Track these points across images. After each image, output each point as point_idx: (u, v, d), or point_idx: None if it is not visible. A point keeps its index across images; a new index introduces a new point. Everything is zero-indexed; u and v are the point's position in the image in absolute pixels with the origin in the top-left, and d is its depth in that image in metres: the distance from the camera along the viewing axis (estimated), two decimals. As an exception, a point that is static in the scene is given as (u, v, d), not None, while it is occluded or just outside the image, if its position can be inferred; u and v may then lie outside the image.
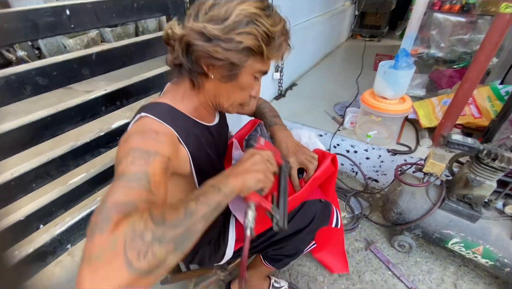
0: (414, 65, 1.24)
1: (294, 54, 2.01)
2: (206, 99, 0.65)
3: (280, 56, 0.60)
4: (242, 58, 0.54)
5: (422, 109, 1.48)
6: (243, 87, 0.61)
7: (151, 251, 0.34)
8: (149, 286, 0.35)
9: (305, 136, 0.88)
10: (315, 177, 0.75)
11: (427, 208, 1.10)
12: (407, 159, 1.40)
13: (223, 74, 0.57)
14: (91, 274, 0.32)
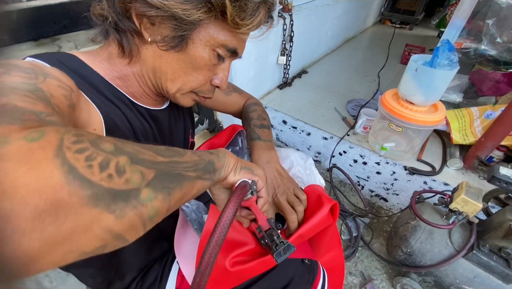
0: (458, 65, 0.93)
1: (307, 35, 1.71)
2: (142, 74, 0.46)
3: (254, 26, 0.42)
4: (191, 11, 0.37)
5: (457, 120, 1.18)
6: (196, 64, 0.44)
7: (114, 163, 0.20)
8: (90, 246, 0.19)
9: (299, 163, 0.63)
10: (301, 234, 0.52)
11: (447, 255, 0.85)
12: (427, 181, 1.13)
13: (164, 35, 0.40)
14: None
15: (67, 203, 0.17)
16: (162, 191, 0.23)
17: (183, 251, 0.55)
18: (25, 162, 0.16)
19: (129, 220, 0.20)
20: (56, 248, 0.17)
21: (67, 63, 0.40)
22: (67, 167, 0.18)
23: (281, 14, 1.39)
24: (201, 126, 1.42)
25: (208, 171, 0.33)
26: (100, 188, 0.19)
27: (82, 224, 0.18)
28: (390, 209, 1.32)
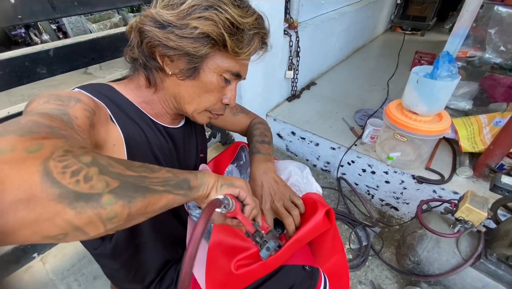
0: (458, 75, 0.95)
1: (314, 49, 1.78)
2: (165, 99, 0.57)
3: (251, 53, 0.52)
4: (199, 48, 0.47)
5: (465, 128, 1.18)
6: (208, 88, 0.53)
7: (84, 173, 0.26)
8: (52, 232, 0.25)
9: (296, 172, 0.68)
10: (298, 238, 0.56)
11: (455, 264, 0.86)
12: (436, 189, 1.13)
13: (181, 68, 0.50)
14: None
15: (38, 197, 0.23)
16: (122, 198, 0.28)
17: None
18: (17, 166, 0.23)
19: (88, 217, 0.26)
20: (24, 228, 0.23)
21: (103, 91, 0.50)
22: (45, 172, 0.24)
23: (287, 32, 1.46)
24: (214, 139, 1.50)
25: (181, 187, 0.37)
26: (67, 189, 0.25)
27: (46, 214, 0.23)
28: (401, 218, 1.31)
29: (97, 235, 0.28)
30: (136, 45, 0.52)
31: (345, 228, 1.28)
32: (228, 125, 0.82)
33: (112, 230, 0.29)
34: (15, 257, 0.91)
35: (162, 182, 0.34)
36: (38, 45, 0.73)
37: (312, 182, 0.67)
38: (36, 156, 0.24)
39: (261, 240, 0.45)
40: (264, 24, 0.53)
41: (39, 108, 0.35)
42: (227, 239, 0.56)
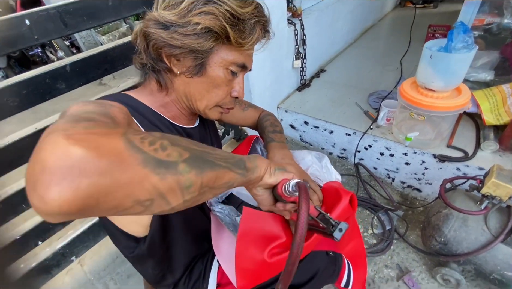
0: (475, 45, 0.91)
1: (321, 35, 1.75)
2: (178, 99, 0.59)
3: (255, 42, 0.52)
4: (203, 43, 0.48)
5: (487, 100, 1.12)
6: (216, 82, 0.55)
7: (159, 143, 0.29)
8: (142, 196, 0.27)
9: (315, 162, 0.68)
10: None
11: (484, 241, 0.83)
12: (460, 167, 1.09)
13: (187, 66, 0.52)
14: (71, 135, 0.24)
15: (127, 161, 0.26)
16: (195, 168, 0.31)
17: (222, 251, 0.63)
18: (104, 136, 0.26)
19: (170, 183, 0.28)
20: (120, 190, 0.25)
21: (123, 100, 0.53)
22: (128, 140, 0.27)
23: (290, 21, 1.44)
24: (227, 136, 1.52)
25: (239, 167, 0.39)
26: (149, 155, 0.27)
27: (136, 177, 0.26)
28: (425, 199, 1.28)
29: (176, 207, 0.30)
30: (143, 49, 0.53)
31: (367, 214, 1.27)
32: (239, 121, 0.83)
33: (188, 202, 0.31)
34: (56, 261, 0.98)
35: (223, 159, 0.36)
36: (55, 62, 0.77)
37: (332, 171, 0.67)
38: (115, 131, 0.27)
39: (332, 221, 0.43)
40: (263, 12, 0.54)
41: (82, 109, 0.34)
42: (254, 229, 0.57)
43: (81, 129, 0.25)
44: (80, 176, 0.22)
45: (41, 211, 0.23)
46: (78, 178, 0.22)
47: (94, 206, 0.24)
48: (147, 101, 0.56)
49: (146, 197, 0.27)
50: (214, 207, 0.65)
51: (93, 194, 0.23)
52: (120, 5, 0.82)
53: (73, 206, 0.22)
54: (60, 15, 0.72)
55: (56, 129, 0.25)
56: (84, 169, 0.23)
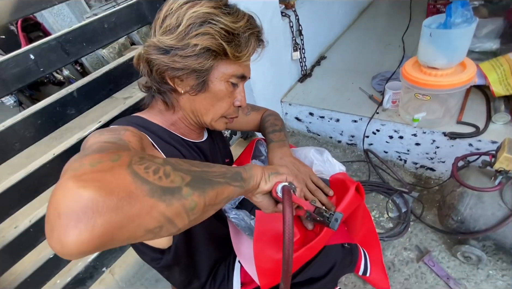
0: (475, 17, 0.88)
1: (318, 22, 1.73)
2: (185, 116, 0.62)
3: (251, 53, 0.55)
4: (204, 62, 0.51)
5: (495, 71, 1.08)
6: (219, 96, 0.57)
7: (162, 170, 0.31)
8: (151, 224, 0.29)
9: (317, 158, 0.70)
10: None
11: (502, 216, 0.83)
12: (472, 142, 1.07)
13: (191, 85, 0.54)
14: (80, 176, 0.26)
15: (135, 194, 0.27)
16: (197, 189, 0.33)
17: (242, 253, 0.66)
18: (110, 172, 0.27)
19: (176, 208, 0.30)
20: (131, 223, 0.27)
21: (136, 122, 0.57)
22: (134, 173, 0.28)
23: (284, 13, 1.43)
24: (235, 136, 1.55)
25: (236, 179, 0.41)
26: (154, 184, 0.29)
27: (145, 207, 0.27)
28: (439, 178, 1.27)
29: (182, 228, 0.33)
30: (146, 74, 0.56)
31: (381, 198, 1.27)
32: (243, 126, 0.85)
33: (192, 222, 0.34)
34: (89, 274, 1.05)
35: (221, 175, 0.38)
36: (63, 90, 0.81)
37: (334, 163, 0.69)
38: (120, 163, 0.29)
39: (326, 213, 0.46)
40: (256, 23, 0.56)
41: (97, 140, 0.39)
42: (269, 230, 0.59)
43: (87, 167, 0.27)
44: (94, 216, 0.24)
45: (61, 253, 0.24)
46: (92, 219, 0.24)
47: (110, 241, 0.26)
48: (157, 120, 0.60)
49: (155, 225, 0.29)
50: (229, 214, 0.68)
51: (108, 231, 0.25)
52: (115, 27, 0.84)
53: (91, 245, 0.24)
54: (61, 45, 0.76)
55: (67, 170, 0.27)
56: (96, 209, 0.24)
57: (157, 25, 0.53)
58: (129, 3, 0.87)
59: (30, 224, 0.84)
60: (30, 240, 0.84)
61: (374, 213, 1.23)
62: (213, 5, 0.50)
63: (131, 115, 0.61)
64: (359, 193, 0.63)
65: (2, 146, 0.71)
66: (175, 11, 0.50)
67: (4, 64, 0.68)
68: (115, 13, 0.84)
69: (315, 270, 0.65)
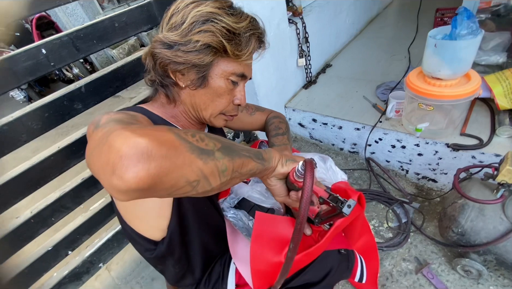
0: (481, 29, 0.88)
1: (324, 30, 1.75)
2: (186, 110, 0.64)
3: (251, 53, 0.57)
4: (204, 58, 0.53)
5: (500, 84, 1.08)
6: (218, 92, 0.59)
7: (198, 135, 0.36)
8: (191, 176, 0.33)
9: (320, 165, 0.70)
10: (337, 225, 0.59)
11: (503, 230, 0.81)
12: (476, 155, 1.07)
13: (191, 79, 0.57)
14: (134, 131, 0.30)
15: (179, 148, 0.32)
16: (227, 155, 0.37)
17: (237, 254, 0.66)
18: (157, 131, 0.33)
19: (211, 166, 0.35)
20: (176, 170, 0.31)
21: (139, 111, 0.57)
22: (176, 134, 0.34)
23: (291, 20, 1.45)
24: (237, 139, 1.56)
25: (258, 157, 0.46)
26: (193, 144, 0.34)
27: (187, 160, 0.32)
28: (441, 190, 1.26)
29: (215, 188, 0.37)
30: (151, 68, 0.59)
31: (382, 207, 1.26)
32: (247, 126, 0.86)
33: (223, 184, 0.38)
34: (85, 268, 1.06)
35: (246, 150, 0.43)
36: (71, 85, 0.83)
37: (337, 172, 0.69)
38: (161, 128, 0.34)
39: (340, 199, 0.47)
40: (258, 25, 0.58)
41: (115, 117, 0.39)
42: (268, 233, 0.59)
43: (136, 128, 0.32)
44: (149, 160, 0.29)
45: (120, 189, 0.28)
46: (148, 161, 0.28)
47: (158, 184, 0.30)
48: (159, 112, 0.61)
49: (194, 178, 0.33)
50: (227, 213, 0.68)
51: (159, 173, 0.29)
52: (126, 26, 0.87)
53: (146, 183, 0.29)
54: (72, 41, 0.78)
55: (116, 129, 0.31)
56: (151, 154, 0.29)
57: (164, 22, 0.56)
58: (140, 4, 0.90)
59: (31, 215, 0.85)
60: (30, 231, 0.86)
61: (374, 222, 1.21)
62: (217, 6, 0.52)
63: (134, 106, 0.64)
64: (360, 203, 0.63)
65: (10, 136, 0.73)
66: (182, 9, 0.53)
67: (16, 57, 0.70)
68: (126, 12, 0.87)
69: (312, 275, 0.64)
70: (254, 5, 1.15)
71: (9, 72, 0.70)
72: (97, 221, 1.03)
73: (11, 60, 0.70)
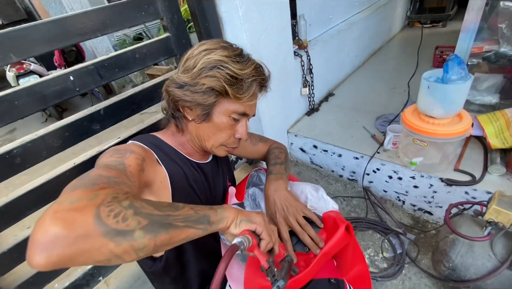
0: (470, 75, 0.96)
1: (328, 62, 1.86)
2: (191, 139, 0.71)
3: (252, 96, 0.64)
4: (208, 99, 0.61)
5: (491, 124, 1.14)
6: (220, 127, 0.66)
7: (123, 215, 0.37)
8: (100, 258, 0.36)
9: (312, 194, 0.75)
10: (324, 253, 0.63)
11: (491, 267, 0.84)
12: (469, 191, 1.10)
13: (197, 114, 0.64)
14: (56, 213, 0.34)
15: (92, 233, 0.34)
16: (150, 233, 0.38)
17: (233, 276, 0.70)
18: (81, 211, 0.35)
19: (124, 247, 0.36)
20: (82, 255, 0.34)
21: (150, 140, 0.67)
22: (97, 216, 0.35)
23: (297, 53, 1.55)
24: (240, 161, 1.62)
25: (201, 222, 0.46)
26: (110, 228, 0.35)
27: (96, 245, 0.34)
28: (437, 222, 1.28)
29: (131, 260, 0.39)
30: (166, 101, 0.68)
31: (378, 237, 1.28)
32: (250, 154, 0.92)
33: (143, 256, 0.40)
34: (86, 281, 1.08)
35: (183, 219, 0.43)
36: (91, 107, 0.91)
37: (328, 201, 0.74)
38: (93, 202, 0.36)
39: (272, 278, 0.49)
40: (263, 72, 0.65)
41: (105, 161, 0.50)
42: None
43: (66, 205, 0.35)
44: (52, 249, 0.32)
45: (31, 266, 0.33)
46: (50, 250, 0.32)
47: (64, 265, 0.33)
48: (169, 141, 0.69)
49: (103, 258, 0.36)
50: (223, 236, 0.72)
51: (61, 259, 0.32)
52: (145, 57, 0.96)
53: (48, 267, 0.32)
54: (97, 70, 0.87)
55: (53, 205, 0.35)
56: (55, 243, 0.32)
57: (181, 64, 0.65)
58: (160, 38, 1.00)
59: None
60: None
61: (370, 251, 1.23)
62: (225, 54, 0.60)
63: (150, 134, 0.71)
64: (348, 233, 0.67)
65: (32, 152, 0.80)
66: (195, 55, 0.62)
67: (48, 82, 0.79)
68: (147, 45, 0.96)
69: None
70: (263, 41, 1.25)
71: (40, 95, 0.78)
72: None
73: (43, 85, 0.78)
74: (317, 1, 1.75)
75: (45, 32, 0.75)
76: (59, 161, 0.89)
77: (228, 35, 1.20)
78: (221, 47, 0.61)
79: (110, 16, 0.85)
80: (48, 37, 0.76)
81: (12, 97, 0.74)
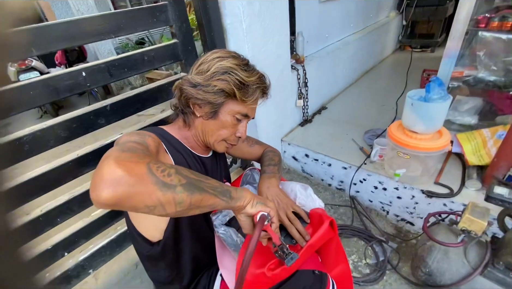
0: (449, 96, 1.05)
1: (323, 77, 1.97)
2: (196, 134, 0.77)
3: (255, 100, 0.72)
4: (218, 99, 0.68)
5: (469, 143, 1.23)
6: (224, 125, 0.73)
7: (168, 171, 0.45)
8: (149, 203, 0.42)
9: (301, 192, 0.81)
10: (310, 244, 0.69)
11: (465, 273, 0.90)
12: (447, 203, 1.18)
13: (206, 111, 0.71)
14: (118, 160, 0.41)
15: (145, 180, 0.41)
16: (187, 191, 0.45)
17: (225, 266, 0.74)
18: (136, 163, 0.42)
19: (168, 197, 0.43)
20: (137, 196, 0.40)
21: (159, 132, 0.72)
22: (149, 168, 0.43)
23: (294, 67, 1.65)
24: (235, 165, 1.67)
25: (224, 195, 0.53)
26: (159, 179, 0.43)
27: (150, 190, 0.41)
28: (417, 232, 1.35)
29: (170, 214, 0.45)
30: (177, 98, 0.75)
31: (362, 244, 1.34)
32: (246, 155, 0.99)
33: (179, 212, 0.46)
34: (76, 273, 1.10)
35: (212, 187, 0.51)
36: (98, 103, 0.96)
37: (315, 199, 0.80)
38: (143, 161, 0.44)
39: (287, 251, 0.58)
40: (265, 81, 0.74)
41: (128, 139, 0.55)
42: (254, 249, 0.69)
43: (124, 158, 0.43)
44: (118, 186, 0.39)
45: (95, 201, 0.39)
46: (116, 187, 0.39)
47: (123, 203, 0.40)
48: (175, 134, 0.76)
49: (152, 204, 0.42)
50: (218, 229, 0.77)
51: (123, 196, 0.39)
52: (153, 60, 1.03)
53: (112, 201, 0.39)
54: (108, 68, 0.93)
55: (110, 155, 0.43)
56: (120, 182, 0.39)
57: (195, 67, 0.73)
58: (168, 43, 1.07)
59: (41, 213, 0.93)
60: (37, 228, 0.93)
61: (354, 257, 1.29)
62: (235, 63, 0.69)
63: (158, 126, 0.78)
64: (332, 228, 0.73)
65: (41, 140, 0.84)
66: (209, 61, 0.70)
67: (61, 76, 0.84)
68: (155, 49, 1.03)
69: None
70: (263, 53, 1.34)
71: (52, 88, 0.83)
72: (96, 227, 1.10)
73: (57, 79, 0.83)
74: (315, 20, 1.87)
75: (64, 30, 0.82)
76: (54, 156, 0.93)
77: (231, 45, 1.28)
78: (232, 56, 0.70)
79: (125, 20, 0.92)
80: (66, 35, 0.82)
81: (28, 88, 0.79)
